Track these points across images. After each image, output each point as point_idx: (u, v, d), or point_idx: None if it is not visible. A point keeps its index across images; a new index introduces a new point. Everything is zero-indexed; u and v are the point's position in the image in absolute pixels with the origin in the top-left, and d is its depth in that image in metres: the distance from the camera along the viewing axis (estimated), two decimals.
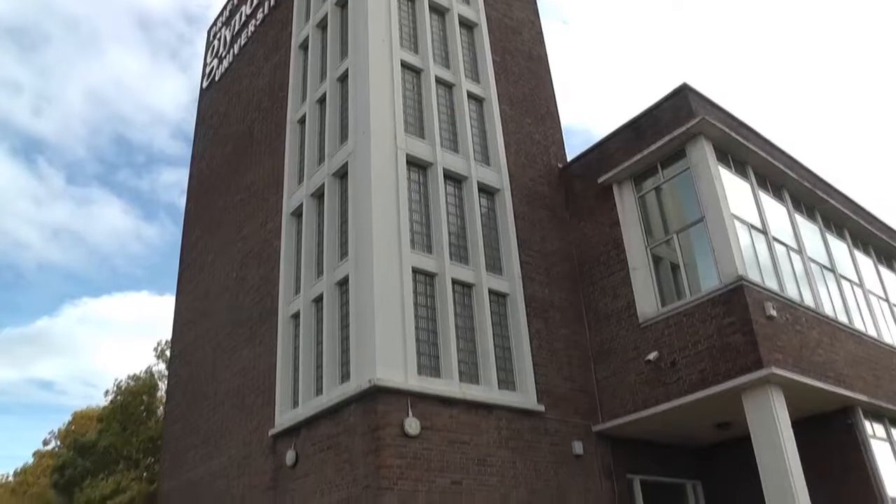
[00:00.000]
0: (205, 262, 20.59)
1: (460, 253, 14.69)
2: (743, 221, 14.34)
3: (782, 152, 16.70)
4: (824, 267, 16.40)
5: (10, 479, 35.01)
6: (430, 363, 13.20)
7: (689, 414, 13.98)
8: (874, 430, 15.03)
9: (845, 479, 14.21)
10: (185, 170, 24.44)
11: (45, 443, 30.98)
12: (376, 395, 12.12)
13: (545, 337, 14.91)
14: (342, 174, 14.99)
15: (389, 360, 12.39)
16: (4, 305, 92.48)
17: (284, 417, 14.51)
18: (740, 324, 12.99)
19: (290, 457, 13.84)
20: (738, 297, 13.11)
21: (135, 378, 24.58)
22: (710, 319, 13.46)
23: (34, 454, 34.56)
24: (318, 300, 14.58)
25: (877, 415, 15.35)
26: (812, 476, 12.67)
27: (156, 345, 26.78)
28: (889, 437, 15.46)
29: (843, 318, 15.78)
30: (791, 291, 14.50)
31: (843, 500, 14.04)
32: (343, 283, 13.99)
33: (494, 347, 14.10)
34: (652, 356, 14.02)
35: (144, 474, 22.26)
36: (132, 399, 23.83)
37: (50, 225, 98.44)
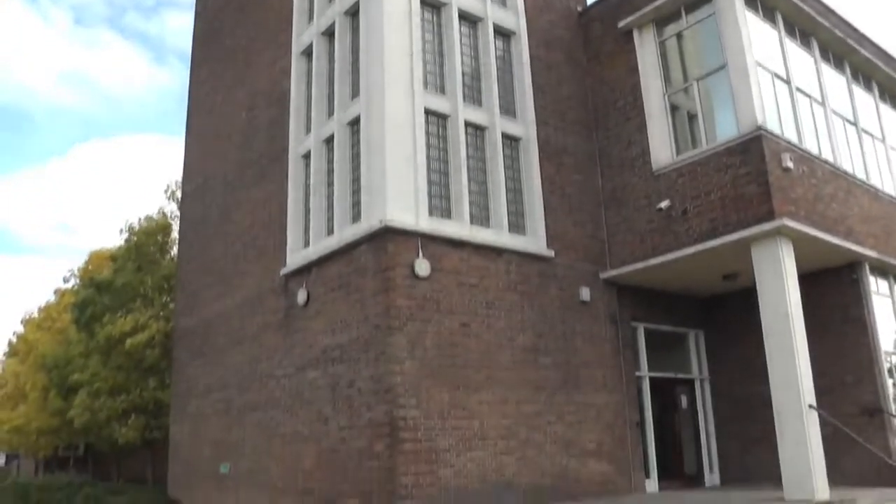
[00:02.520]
0: (213, 103, 20.29)
1: (474, 95, 14.37)
2: (766, 70, 13.87)
3: None
4: (847, 120, 16.02)
5: (35, 315, 36.19)
6: (441, 205, 13.20)
7: (697, 264, 14.10)
8: (878, 287, 15.19)
9: (843, 332, 14.55)
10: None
11: (65, 280, 31.70)
12: (386, 235, 12.20)
13: (557, 182, 14.82)
14: (353, 12, 14.43)
15: (400, 202, 12.39)
16: (15, 148, 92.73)
17: (296, 257, 14.70)
18: (755, 174, 12.84)
19: (301, 296, 14.12)
20: (755, 146, 12.89)
21: (147, 219, 24.82)
22: (724, 169, 13.30)
23: (55, 292, 35.50)
24: (329, 140, 14.42)
25: (882, 271, 15.46)
26: (812, 328, 12.93)
27: (165, 186, 26.87)
28: (891, 294, 15.69)
29: (860, 174, 15.59)
30: (810, 144, 14.24)
31: (839, 352, 14.47)
32: (354, 124, 13.78)
33: (506, 191, 14.03)
34: (663, 204, 13.98)
35: (161, 313, 22.83)
36: (145, 239, 24.10)
37: (57, 68, 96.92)
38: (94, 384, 22.86)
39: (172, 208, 25.72)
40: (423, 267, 12.30)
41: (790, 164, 13.02)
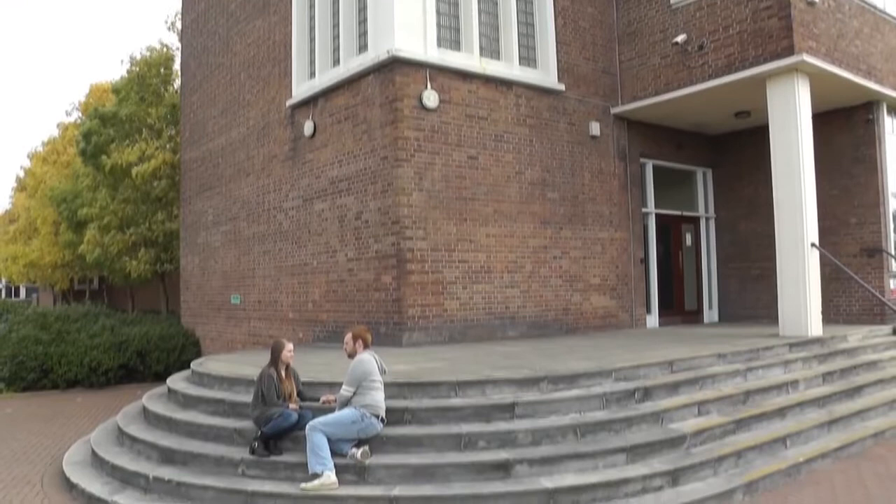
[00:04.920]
0: None
1: None
2: None
3: None
4: None
5: (40, 149, 36.07)
6: (449, 36, 12.78)
7: (710, 100, 13.87)
8: (893, 127, 14.91)
9: (853, 173, 14.47)
10: None
11: (67, 113, 31.38)
12: (394, 66, 11.92)
13: (570, 14, 14.27)
14: None
15: (408, 31, 11.99)
16: None
17: (301, 88, 14.43)
18: (777, 7, 12.32)
19: (307, 127, 13.98)
20: None
21: (149, 49, 24.24)
22: (745, 2, 12.75)
23: (58, 125, 35.27)
24: None
25: None
26: (821, 168, 12.89)
27: (165, 18, 26.01)
28: None
29: (891, 9, 14.88)
30: None
31: (846, 193, 14.52)
32: None
33: (517, 23, 13.54)
34: (680, 38, 13.53)
35: (167, 145, 22.69)
36: (147, 70, 23.60)
37: None
38: (103, 218, 23.06)
39: (173, 39, 25.02)
40: (431, 98, 12.09)
41: None
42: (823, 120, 13.83)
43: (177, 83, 23.85)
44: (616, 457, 6.90)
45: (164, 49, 24.47)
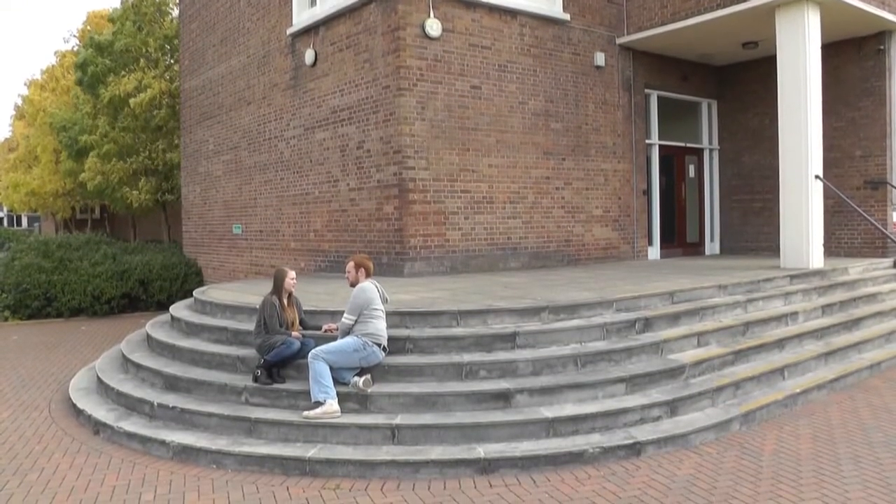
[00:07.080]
0: None
1: None
2: None
3: None
4: None
5: (38, 77, 35.65)
6: None
7: (718, 30, 13.57)
8: None
9: (860, 105, 14.33)
10: None
11: (65, 41, 30.95)
12: None
13: None
14: None
15: None
16: None
17: (302, 16, 14.16)
18: None
19: (309, 56, 13.77)
20: None
21: None
22: None
23: (56, 53, 34.82)
24: None
25: None
26: (828, 99, 12.76)
27: None
28: None
29: None
30: None
31: (853, 124, 14.42)
32: None
33: None
34: None
35: (165, 74, 22.40)
36: (142, 0, 23.21)
37: None
38: (103, 147, 22.93)
39: None
40: (433, 27, 11.86)
41: None
42: (832, 51, 13.63)
43: (175, 12, 23.40)
44: (615, 387, 6.99)
45: None
